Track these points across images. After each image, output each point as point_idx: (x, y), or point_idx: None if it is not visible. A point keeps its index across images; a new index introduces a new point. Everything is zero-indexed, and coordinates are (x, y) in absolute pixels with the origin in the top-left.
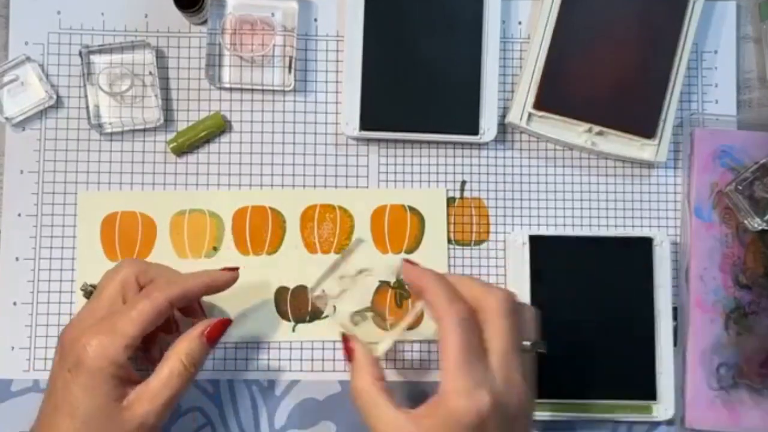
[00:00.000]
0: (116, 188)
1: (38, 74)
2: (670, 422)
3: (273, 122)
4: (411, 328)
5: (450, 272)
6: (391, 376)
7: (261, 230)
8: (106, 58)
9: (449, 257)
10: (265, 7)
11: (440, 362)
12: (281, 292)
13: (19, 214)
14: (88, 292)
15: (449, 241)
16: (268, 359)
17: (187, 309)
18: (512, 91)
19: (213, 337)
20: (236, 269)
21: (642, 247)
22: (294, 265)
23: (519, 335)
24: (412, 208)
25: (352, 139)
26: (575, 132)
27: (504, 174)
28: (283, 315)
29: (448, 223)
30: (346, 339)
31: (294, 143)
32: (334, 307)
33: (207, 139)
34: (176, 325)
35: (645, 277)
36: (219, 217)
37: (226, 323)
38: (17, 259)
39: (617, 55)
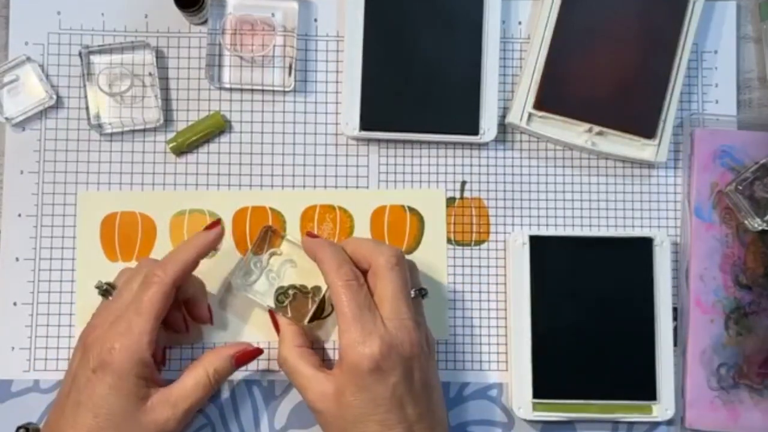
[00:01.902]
0: (116, 188)
1: (38, 74)
2: (670, 422)
3: (273, 122)
4: None
5: (447, 272)
6: None
7: None
8: (106, 58)
9: (449, 257)
10: (265, 7)
11: (337, 323)
12: (281, 292)
13: (19, 214)
14: (104, 290)
15: (449, 241)
16: (268, 359)
17: (197, 314)
18: (512, 91)
19: (241, 362)
20: (218, 222)
21: (642, 247)
22: (294, 265)
23: (406, 284)
24: (411, 209)
25: (352, 139)
26: (575, 132)
27: (504, 174)
28: (283, 315)
29: (448, 224)
30: (272, 314)
31: (294, 143)
32: (332, 305)
33: (207, 139)
34: (186, 326)
35: (645, 277)
36: (219, 217)
37: (257, 353)
38: (17, 259)
39: (617, 55)
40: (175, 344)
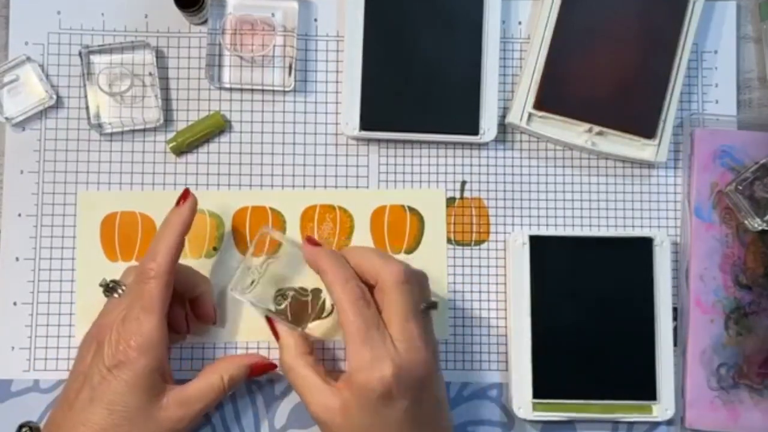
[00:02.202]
0: (116, 188)
1: (38, 74)
2: (670, 422)
3: (273, 122)
4: None
5: (447, 272)
6: None
7: None
8: (106, 58)
9: (449, 257)
10: (265, 7)
11: (344, 341)
12: (281, 292)
13: (19, 214)
14: (110, 288)
15: (449, 241)
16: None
17: (203, 313)
18: (512, 91)
19: (256, 374)
20: (187, 193)
21: (642, 247)
22: (294, 265)
23: (415, 301)
24: (411, 209)
25: (352, 139)
26: (575, 132)
27: (504, 174)
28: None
29: (448, 223)
30: (270, 320)
31: (294, 143)
32: (332, 306)
33: (207, 139)
34: (188, 325)
35: (645, 277)
36: (219, 217)
37: (272, 367)
38: (17, 259)
39: (617, 55)
40: (174, 344)
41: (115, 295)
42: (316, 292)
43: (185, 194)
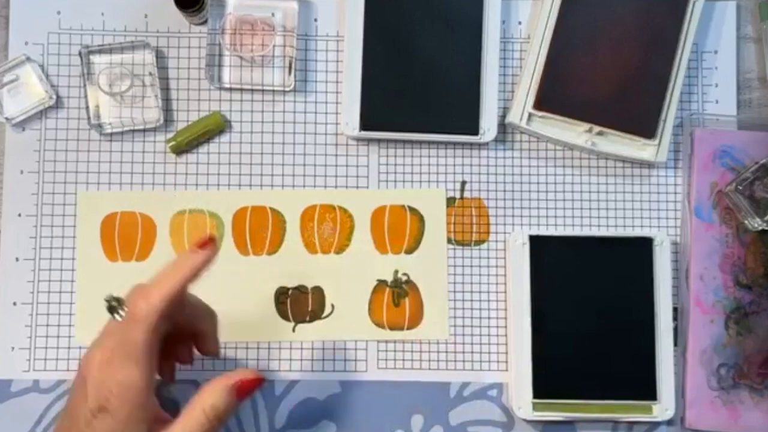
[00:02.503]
0: (116, 188)
1: (38, 74)
2: (670, 422)
3: (273, 122)
4: (411, 327)
5: (447, 272)
6: (391, 375)
7: (261, 230)
8: (106, 58)
9: (449, 257)
10: (265, 7)
11: None
12: (281, 292)
13: (19, 214)
14: (112, 306)
15: (449, 241)
16: (268, 359)
17: (206, 348)
18: (512, 91)
19: (243, 393)
20: (210, 240)
21: (642, 247)
22: (294, 265)
23: None
24: (411, 209)
25: (352, 139)
26: (575, 132)
27: (504, 174)
28: (283, 315)
29: (449, 223)
30: None
31: (294, 143)
32: (332, 305)
33: (207, 139)
34: (191, 358)
35: (645, 277)
36: (219, 217)
37: (258, 382)
38: (17, 259)
39: (617, 55)
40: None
41: (116, 317)
42: (316, 290)
43: (207, 241)
